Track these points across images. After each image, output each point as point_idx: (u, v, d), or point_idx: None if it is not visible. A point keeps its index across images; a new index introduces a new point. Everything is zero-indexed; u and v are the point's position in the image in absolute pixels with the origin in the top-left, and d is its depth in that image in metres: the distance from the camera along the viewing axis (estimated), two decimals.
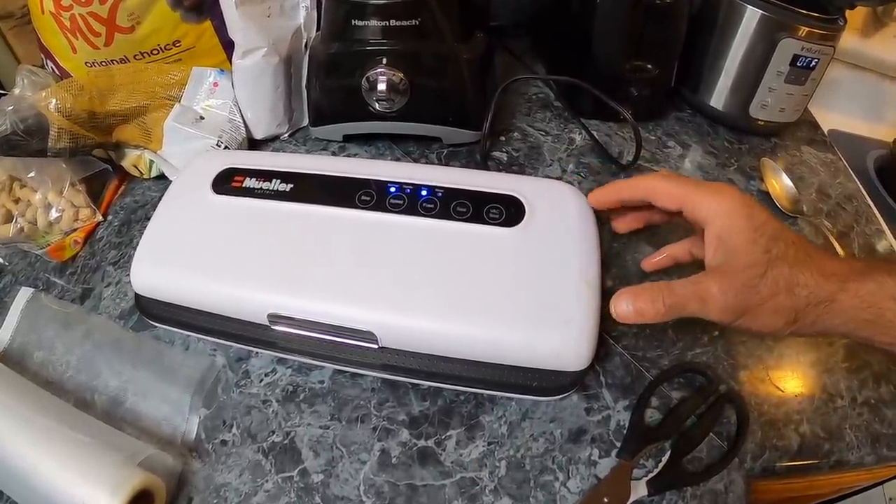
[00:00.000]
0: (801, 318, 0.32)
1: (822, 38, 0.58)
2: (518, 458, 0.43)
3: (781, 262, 0.33)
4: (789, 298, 0.32)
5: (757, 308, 0.33)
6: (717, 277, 0.35)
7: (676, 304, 0.35)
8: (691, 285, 0.35)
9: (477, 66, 0.56)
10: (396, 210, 0.43)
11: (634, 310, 0.36)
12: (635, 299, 0.36)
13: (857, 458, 0.44)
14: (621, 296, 0.37)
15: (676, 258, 0.47)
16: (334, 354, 0.42)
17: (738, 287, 0.33)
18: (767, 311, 0.32)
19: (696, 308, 0.35)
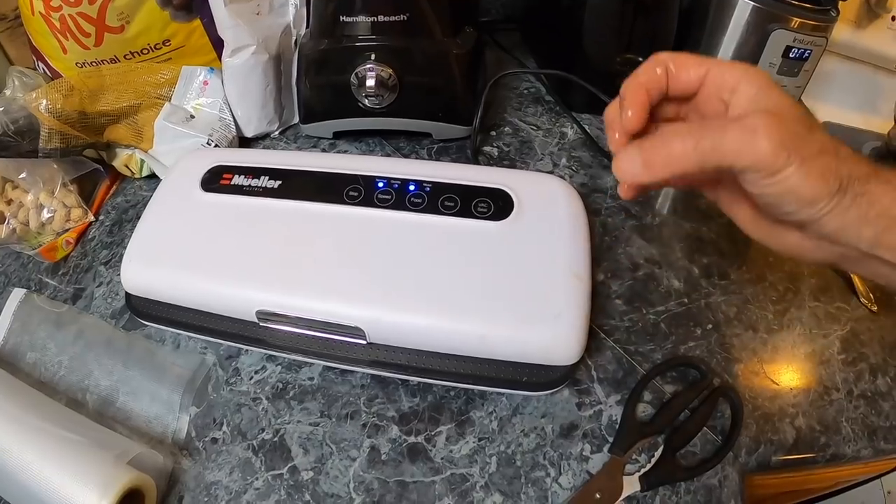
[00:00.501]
0: (844, 188, 0.27)
1: (815, 30, 0.57)
2: (509, 453, 0.42)
3: (820, 127, 0.28)
4: (835, 161, 0.27)
5: (810, 158, 0.26)
6: (763, 113, 0.27)
7: (712, 141, 0.27)
8: (731, 121, 0.28)
9: (467, 61, 0.56)
10: (384, 205, 0.43)
11: (643, 161, 0.28)
12: (643, 149, 0.28)
13: (853, 451, 0.44)
14: (623, 151, 0.30)
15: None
16: (323, 351, 0.42)
17: (791, 129, 0.26)
18: (817, 168, 0.26)
19: (740, 143, 0.26)
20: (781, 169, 0.26)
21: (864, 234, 0.28)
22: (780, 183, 0.27)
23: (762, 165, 0.26)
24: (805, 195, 0.27)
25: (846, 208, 0.27)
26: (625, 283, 0.51)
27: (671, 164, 0.28)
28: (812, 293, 0.51)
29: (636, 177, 0.29)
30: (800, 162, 0.26)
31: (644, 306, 0.50)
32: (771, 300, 0.51)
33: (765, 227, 0.32)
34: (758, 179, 0.27)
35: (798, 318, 0.50)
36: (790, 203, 0.27)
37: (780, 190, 0.27)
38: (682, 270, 0.52)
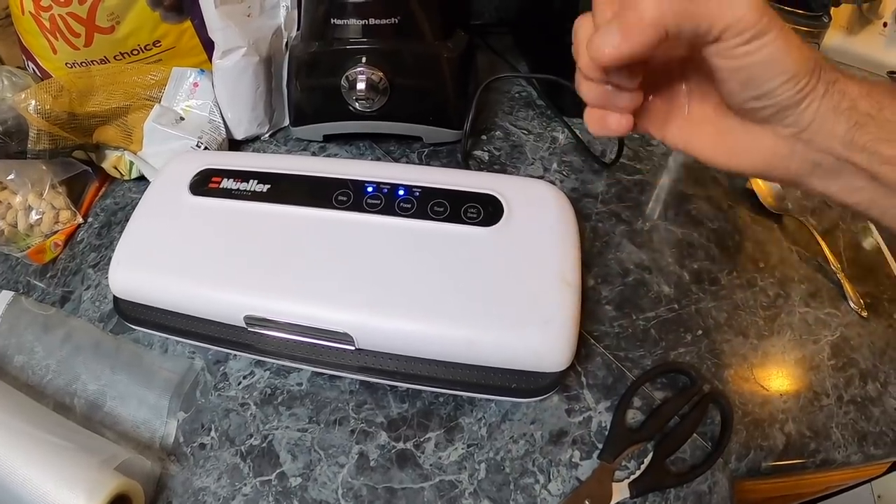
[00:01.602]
0: (819, 70, 0.26)
1: (807, 35, 0.57)
2: (498, 460, 0.42)
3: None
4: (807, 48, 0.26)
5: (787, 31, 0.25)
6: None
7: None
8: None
9: (458, 65, 0.55)
10: (373, 210, 0.42)
11: (620, 28, 0.25)
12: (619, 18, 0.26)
13: (843, 456, 0.44)
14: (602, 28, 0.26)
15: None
16: (311, 356, 0.41)
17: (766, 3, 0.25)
18: (794, 41, 0.25)
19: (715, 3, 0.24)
20: (763, 32, 0.25)
21: (838, 130, 0.27)
22: (762, 49, 0.25)
23: (745, 25, 0.25)
24: (786, 66, 0.26)
25: (820, 95, 0.26)
26: (615, 288, 0.51)
27: (650, 21, 0.25)
28: (802, 299, 0.52)
29: (616, 47, 0.26)
30: (779, 30, 0.25)
31: (634, 312, 0.49)
32: (761, 306, 0.51)
33: (732, 139, 0.30)
34: (737, 45, 0.25)
35: (788, 324, 0.50)
36: (772, 76, 0.26)
37: (760, 58, 0.25)
38: (672, 276, 0.52)
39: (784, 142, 0.28)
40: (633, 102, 0.29)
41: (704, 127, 0.31)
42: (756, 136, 0.29)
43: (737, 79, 0.27)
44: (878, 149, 0.27)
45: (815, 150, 0.28)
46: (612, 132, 0.30)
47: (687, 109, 0.31)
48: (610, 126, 0.30)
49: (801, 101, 0.26)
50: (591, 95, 0.30)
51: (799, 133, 0.27)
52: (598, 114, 0.30)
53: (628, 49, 0.25)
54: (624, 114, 0.30)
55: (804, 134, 0.27)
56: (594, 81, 0.29)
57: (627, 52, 0.26)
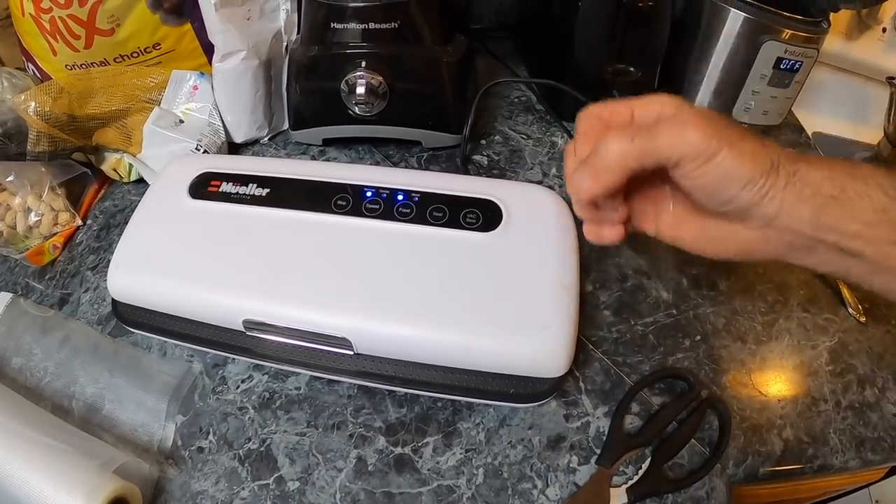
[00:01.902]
0: (776, 166, 0.29)
1: (806, 41, 0.57)
2: (496, 465, 0.42)
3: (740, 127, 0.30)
4: (760, 145, 0.29)
5: (737, 142, 0.28)
6: (690, 111, 0.30)
7: (648, 137, 0.29)
8: (662, 121, 0.30)
9: (457, 69, 0.56)
10: (372, 215, 0.42)
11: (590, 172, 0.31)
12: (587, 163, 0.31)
13: (841, 462, 0.44)
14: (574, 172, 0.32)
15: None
16: (310, 361, 0.41)
17: (714, 121, 0.29)
18: (746, 149, 0.28)
19: (672, 136, 0.29)
20: (714, 154, 0.28)
21: (804, 215, 0.29)
22: (716, 168, 0.29)
23: (696, 152, 0.28)
24: (742, 175, 0.29)
25: (782, 188, 0.29)
26: (613, 293, 0.51)
27: (615, 166, 0.30)
28: (801, 304, 0.52)
29: (589, 189, 0.31)
30: (728, 146, 0.28)
31: (632, 317, 0.50)
32: (760, 311, 0.51)
33: (712, 232, 0.33)
34: (694, 169, 0.29)
35: (787, 329, 0.50)
36: (729, 186, 0.29)
37: (716, 175, 0.29)
38: (670, 281, 0.52)
39: (757, 232, 0.31)
40: (620, 216, 0.35)
41: (688, 224, 0.35)
42: (732, 229, 0.32)
43: (701, 192, 0.31)
44: (843, 227, 0.29)
45: (787, 234, 0.30)
46: (608, 242, 0.35)
47: (671, 213, 0.35)
48: (605, 237, 0.35)
49: (762, 199, 0.29)
50: (585, 215, 0.35)
51: (768, 224, 0.30)
52: (594, 228, 0.35)
53: (599, 189, 0.31)
54: (616, 226, 0.35)
55: (774, 223, 0.30)
56: (585, 206, 0.34)
57: (599, 191, 0.31)
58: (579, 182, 0.31)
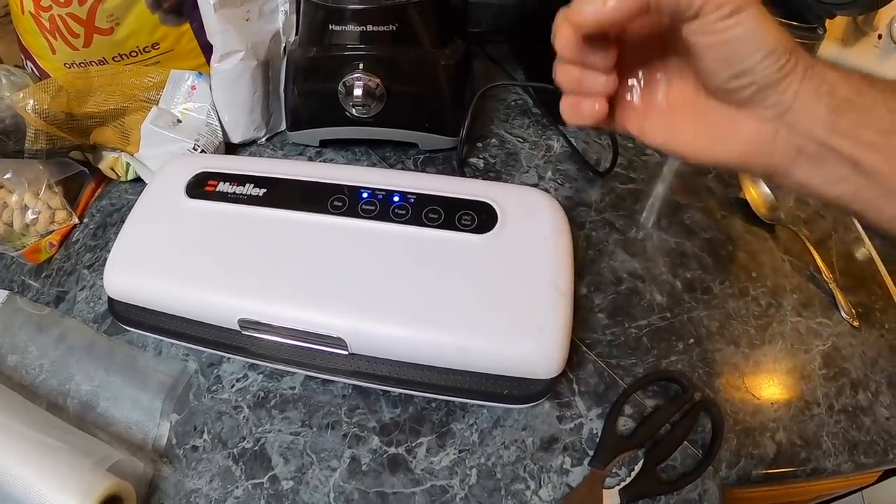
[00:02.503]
0: (796, 52, 0.26)
1: (802, 47, 0.57)
2: (489, 466, 0.42)
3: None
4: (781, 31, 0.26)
5: (764, 11, 0.26)
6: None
7: None
8: None
9: (454, 72, 0.56)
10: (368, 216, 0.43)
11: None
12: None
13: (834, 465, 0.44)
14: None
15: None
16: (305, 360, 0.42)
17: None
18: (771, 20, 0.26)
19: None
20: (741, 7, 0.25)
21: (819, 113, 0.26)
22: (740, 24, 0.25)
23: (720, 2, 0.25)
24: (766, 40, 0.26)
25: (800, 77, 0.26)
26: (608, 296, 0.51)
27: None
28: (794, 308, 0.52)
29: (597, 11, 0.26)
30: (756, 7, 0.25)
31: (626, 320, 0.50)
32: (753, 315, 0.51)
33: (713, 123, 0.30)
34: (716, 20, 0.25)
35: (780, 333, 0.50)
36: (751, 51, 0.26)
37: (739, 32, 0.25)
38: (665, 285, 0.52)
39: (766, 125, 0.28)
40: (606, 87, 0.29)
41: (684, 117, 0.30)
42: (738, 121, 0.29)
43: (717, 56, 0.27)
44: (859, 133, 0.26)
45: (798, 135, 0.27)
46: (585, 118, 0.30)
47: (665, 101, 0.31)
48: (584, 111, 0.30)
49: (781, 80, 0.26)
50: (567, 80, 0.30)
51: (781, 115, 0.27)
52: (572, 100, 0.30)
53: (611, 12, 0.26)
54: (598, 99, 0.30)
55: (786, 116, 0.27)
56: (570, 63, 0.29)
57: (609, 15, 0.26)
58: (587, 4, 0.26)
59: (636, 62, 0.31)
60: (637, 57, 0.31)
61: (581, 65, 0.29)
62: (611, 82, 0.29)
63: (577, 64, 0.29)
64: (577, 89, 0.30)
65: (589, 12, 0.26)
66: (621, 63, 0.30)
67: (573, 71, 0.29)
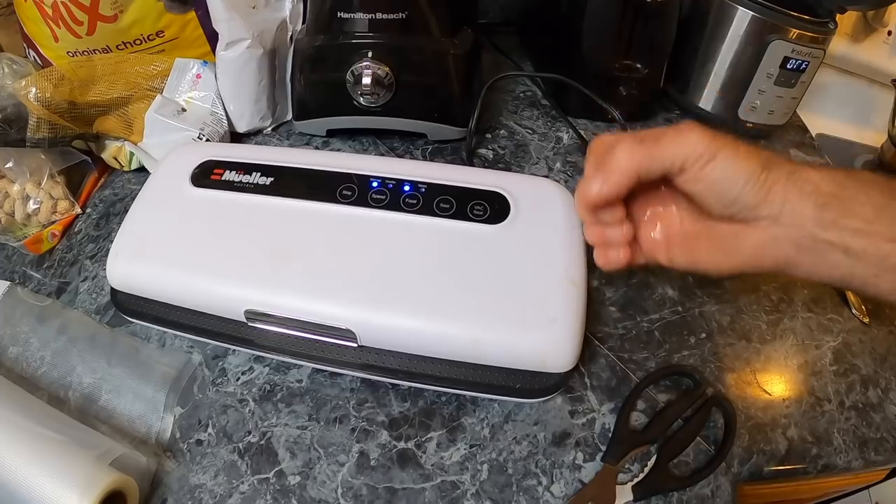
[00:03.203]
0: (772, 165, 0.31)
1: (813, 41, 0.56)
2: (500, 461, 0.41)
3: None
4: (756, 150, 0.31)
5: (733, 145, 0.31)
6: (688, 121, 0.33)
7: (652, 142, 0.32)
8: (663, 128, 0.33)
9: (464, 62, 0.54)
10: (378, 205, 0.41)
11: (601, 175, 0.33)
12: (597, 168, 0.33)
13: (844, 462, 0.43)
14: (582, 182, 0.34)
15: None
16: (312, 353, 0.40)
17: (710, 131, 0.31)
18: (742, 150, 0.31)
19: (676, 140, 0.31)
20: (714, 154, 0.30)
21: (807, 212, 0.30)
22: (716, 167, 0.31)
23: (697, 153, 0.31)
24: (741, 172, 0.31)
25: (783, 184, 0.30)
26: (619, 289, 0.50)
27: (625, 167, 0.32)
28: (805, 304, 0.51)
29: (598, 189, 0.33)
30: (725, 147, 0.31)
31: (638, 314, 0.49)
32: (764, 310, 0.50)
33: (724, 240, 0.34)
34: (698, 170, 0.31)
35: (791, 329, 0.49)
36: (732, 184, 0.31)
37: (719, 173, 0.31)
38: (676, 279, 0.51)
39: (765, 232, 0.32)
40: (625, 237, 0.36)
41: (698, 241, 0.35)
42: (742, 235, 0.33)
43: (708, 194, 0.32)
44: (845, 223, 0.30)
45: (793, 233, 0.31)
46: (615, 264, 0.36)
47: (681, 232, 0.36)
48: (611, 258, 0.36)
49: (766, 195, 0.31)
50: (594, 237, 0.36)
51: (776, 220, 0.31)
52: (603, 251, 0.36)
53: (608, 189, 0.33)
54: (622, 248, 0.36)
55: (780, 219, 0.31)
56: (591, 224, 0.36)
57: (607, 192, 0.33)
58: (589, 185, 0.33)
59: (651, 202, 0.37)
60: (650, 198, 0.37)
61: (598, 223, 0.36)
62: (626, 233, 0.36)
63: (595, 223, 0.36)
64: (604, 242, 0.36)
65: (592, 193, 0.33)
66: (641, 211, 0.37)
67: (596, 230, 0.36)
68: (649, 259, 0.37)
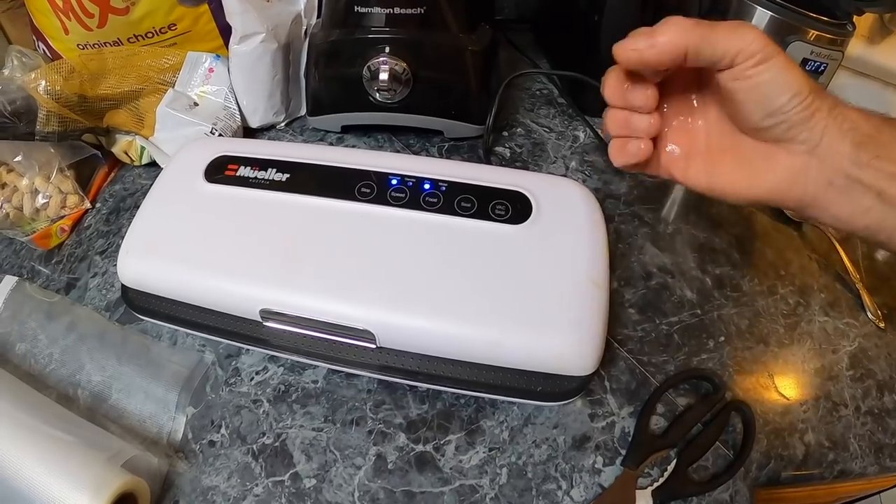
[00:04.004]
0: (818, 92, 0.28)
1: (831, 43, 0.55)
2: (520, 465, 0.39)
3: None
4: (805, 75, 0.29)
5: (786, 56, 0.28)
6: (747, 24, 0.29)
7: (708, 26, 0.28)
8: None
9: (482, 59, 0.53)
10: (398, 204, 0.40)
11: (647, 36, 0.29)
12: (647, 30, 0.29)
13: (860, 467, 0.42)
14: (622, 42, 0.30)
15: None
16: (329, 354, 0.39)
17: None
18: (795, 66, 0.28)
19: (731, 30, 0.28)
20: (769, 56, 0.28)
21: (844, 148, 0.28)
22: (769, 70, 0.28)
23: (753, 49, 0.27)
24: (792, 82, 0.28)
25: (825, 115, 0.28)
26: (638, 291, 0.49)
27: (674, 38, 0.28)
28: (822, 308, 0.50)
29: (640, 50, 0.29)
30: (781, 55, 0.28)
31: (657, 316, 0.47)
32: (782, 314, 0.49)
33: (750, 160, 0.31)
34: (748, 67, 0.28)
35: (808, 333, 0.48)
36: (780, 92, 0.28)
37: (769, 76, 0.28)
38: (695, 281, 0.50)
39: (799, 159, 0.30)
40: (651, 128, 0.32)
41: (723, 159, 0.33)
42: (773, 156, 0.31)
43: (750, 98, 0.29)
44: (881, 165, 0.28)
45: (827, 168, 0.29)
46: (631, 157, 0.33)
47: (705, 145, 0.33)
48: (629, 151, 0.32)
49: (809, 118, 0.28)
50: (615, 123, 0.32)
51: (812, 149, 0.29)
52: (619, 142, 0.33)
53: (651, 54, 0.29)
54: (643, 140, 0.32)
55: (816, 150, 0.29)
56: (616, 108, 0.32)
57: (651, 56, 0.29)
58: (632, 42, 0.29)
59: (677, 111, 0.34)
60: (677, 106, 0.34)
61: (626, 108, 0.32)
62: (654, 123, 0.32)
63: (623, 108, 0.32)
64: (625, 131, 0.32)
65: (631, 51, 0.29)
66: (663, 112, 0.33)
67: (620, 114, 0.32)
68: (664, 172, 0.34)
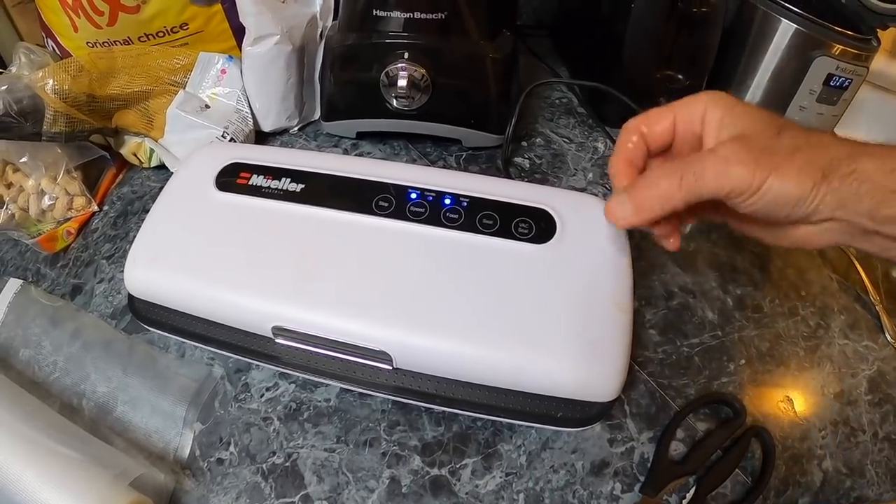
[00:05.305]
0: (827, 174, 0.27)
1: (856, 58, 0.53)
2: (537, 490, 0.37)
3: (792, 125, 0.29)
4: (811, 152, 0.27)
5: (784, 163, 0.27)
6: (732, 141, 0.28)
7: (694, 175, 0.28)
8: (706, 153, 0.29)
9: (502, 66, 0.50)
10: (417, 219, 0.37)
11: (634, 205, 0.30)
12: (631, 194, 0.30)
13: (875, 494, 0.40)
14: (613, 197, 0.31)
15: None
16: (343, 373, 0.36)
17: (759, 145, 0.28)
18: (793, 168, 0.27)
19: (717, 173, 0.28)
20: (760, 184, 0.27)
21: (861, 209, 0.27)
22: (764, 196, 0.27)
23: (742, 188, 0.27)
24: (791, 196, 0.27)
25: (836, 189, 0.27)
26: (659, 311, 0.46)
27: (661, 204, 0.29)
28: (842, 330, 0.47)
29: (627, 220, 0.31)
30: (775, 170, 0.27)
31: (678, 338, 0.45)
32: (802, 336, 0.47)
33: (773, 231, 0.32)
34: (743, 200, 0.28)
35: (828, 356, 0.46)
36: (781, 209, 0.28)
37: (766, 202, 0.28)
38: (716, 301, 0.47)
39: (815, 227, 0.29)
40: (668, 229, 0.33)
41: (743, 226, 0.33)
42: (790, 229, 0.30)
43: (758, 214, 0.29)
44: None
45: (845, 225, 0.29)
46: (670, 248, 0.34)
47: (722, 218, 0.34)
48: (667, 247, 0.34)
49: (816, 208, 0.28)
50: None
51: (830, 216, 0.28)
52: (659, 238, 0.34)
53: (638, 222, 0.30)
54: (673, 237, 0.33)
55: (835, 214, 0.28)
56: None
57: (639, 223, 0.30)
58: (618, 212, 0.31)
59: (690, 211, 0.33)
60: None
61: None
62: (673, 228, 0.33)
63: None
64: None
65: (619, 221, 0.31)
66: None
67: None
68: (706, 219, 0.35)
